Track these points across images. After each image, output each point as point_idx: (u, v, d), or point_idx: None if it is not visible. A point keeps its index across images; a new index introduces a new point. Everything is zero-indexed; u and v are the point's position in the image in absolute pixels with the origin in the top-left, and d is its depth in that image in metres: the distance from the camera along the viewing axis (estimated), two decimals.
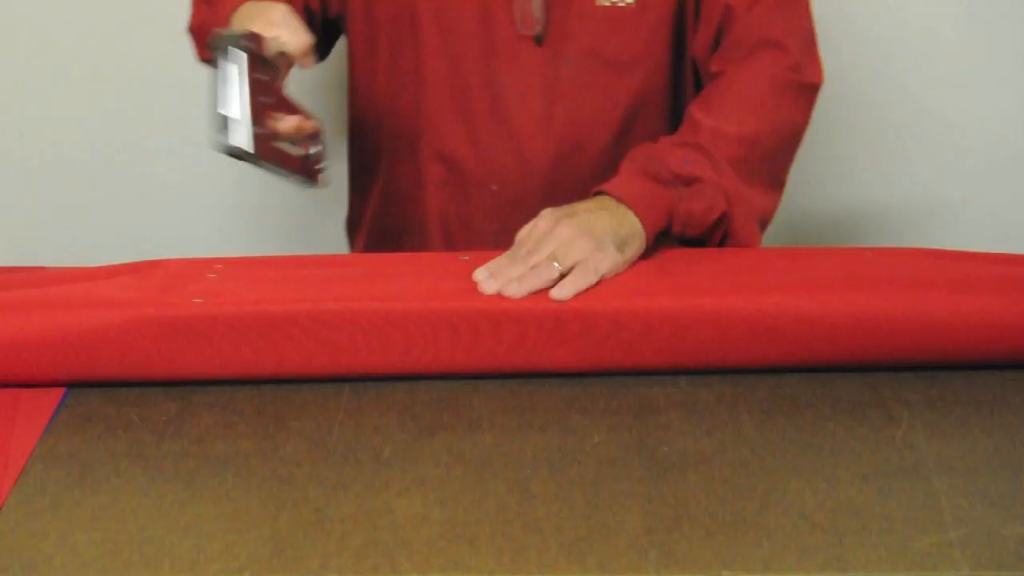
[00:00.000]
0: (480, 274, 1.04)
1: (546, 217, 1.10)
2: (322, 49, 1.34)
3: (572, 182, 1.26)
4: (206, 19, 1.22)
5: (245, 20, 1.11)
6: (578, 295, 1.02)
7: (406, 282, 1.04)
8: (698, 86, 1.30)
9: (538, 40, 1.23)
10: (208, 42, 1.05)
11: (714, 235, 1.18)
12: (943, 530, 0.86)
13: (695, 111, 1.21)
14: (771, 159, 1.22)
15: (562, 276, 1.04)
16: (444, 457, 0.94)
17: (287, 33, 1.09)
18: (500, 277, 1.03)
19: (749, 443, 0.96)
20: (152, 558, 0.83)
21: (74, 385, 1.03)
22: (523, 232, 1.10)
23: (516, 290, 1.02)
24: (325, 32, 1.33)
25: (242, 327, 0.99)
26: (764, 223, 1.23)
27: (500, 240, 1.14)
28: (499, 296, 1.02)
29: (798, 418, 0.99)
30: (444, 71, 1.27)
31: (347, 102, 1.39)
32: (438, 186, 1.31)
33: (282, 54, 1.08)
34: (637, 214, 1.11)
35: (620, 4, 1.22)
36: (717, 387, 1.03)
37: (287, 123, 1.08)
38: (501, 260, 1.06)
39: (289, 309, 1.00)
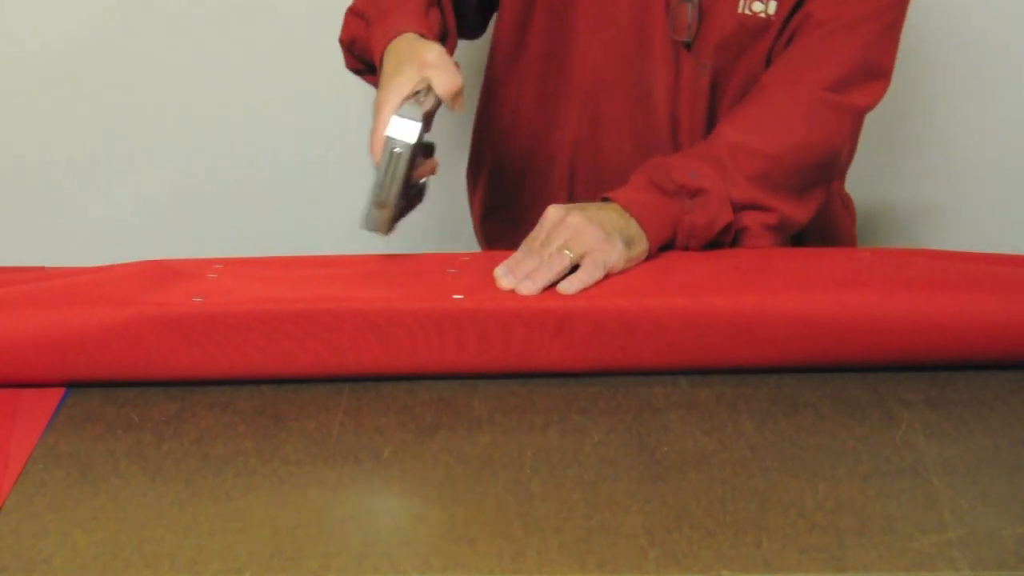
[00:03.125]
0: (498, 271, 1.05)
1: (555, 210, 1.10)
2: (479, 27, 1.38)
3: None
4: (358, 34, 1.22)
5: (399, 58, 1.11)
6: (583, 291, 1.03)
7: (406, 282, 1.04)
8: None
9: (687, 46, 1.24)
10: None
11: (721, 245, 1.17)
12: (943, 530, 0.86)
13: (724, 123, 1.21)
14: (800, 176, 1.20)
15: (574, 266, 1.04)
16: (444, 457, 0.94)
17: (440, 77, 1.08)
18: (517, 272, 1.04)
19: (749, 443, 0.96)
20: (152, 558, 0.83)
21: (74, 385, 1.03)
22: (533, 231, 1.10)
23: (529, 288, 1.02)
24: (480, 8, 1.35)
25: (242, 327, 0.99)
26: (790, 230, 1.22)
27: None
28: (500, 294, 1.02)
29: (798, 418, 0.99)
30: (595, 59, 1.29)
31: (487, 68, 1.40)
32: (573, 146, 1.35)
33: (431, 93, 1.08)
34: (641, 223, 1.11)
35: (761, 15, 1.22)
36: (717, 387, 1.03)
37: (419, 170, 1.11)
38: (517, 255, 1.07)
39: (289, 309, 0.99)
